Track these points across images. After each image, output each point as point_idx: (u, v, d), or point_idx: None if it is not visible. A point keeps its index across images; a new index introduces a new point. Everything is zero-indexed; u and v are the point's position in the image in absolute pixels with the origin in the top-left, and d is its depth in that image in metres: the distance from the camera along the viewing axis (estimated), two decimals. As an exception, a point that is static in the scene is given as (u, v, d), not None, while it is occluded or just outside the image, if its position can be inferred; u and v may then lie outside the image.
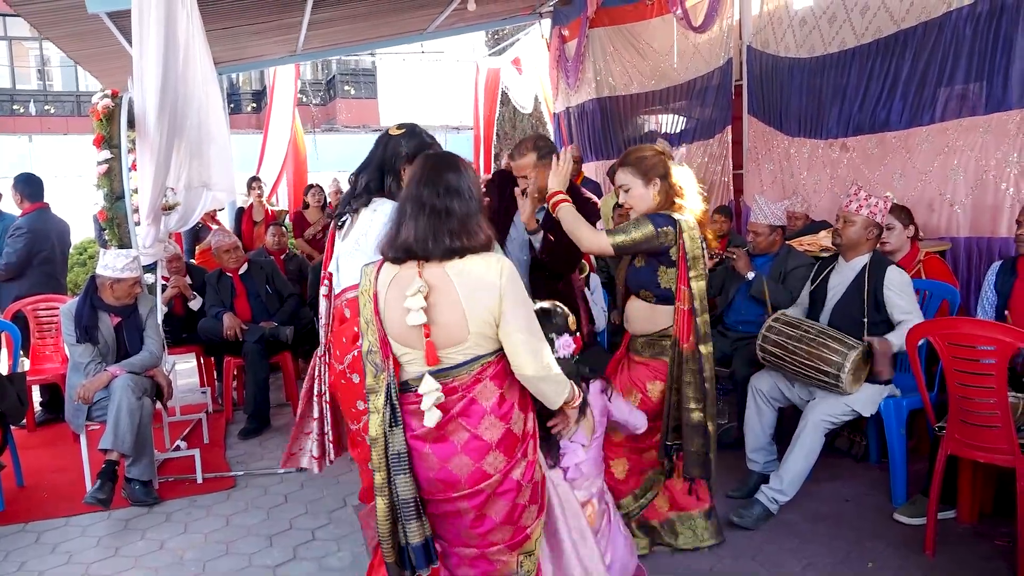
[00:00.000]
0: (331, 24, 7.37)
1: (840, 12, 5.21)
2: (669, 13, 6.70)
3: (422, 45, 15.89)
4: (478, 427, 2.02)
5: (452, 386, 2.02)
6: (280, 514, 3.70)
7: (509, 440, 2.05)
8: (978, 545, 3.07)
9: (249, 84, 20.14)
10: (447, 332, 2.00)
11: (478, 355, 2.03)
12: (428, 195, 2.03)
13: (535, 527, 2.16)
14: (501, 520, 2.09)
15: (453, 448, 2.03)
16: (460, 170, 2.09)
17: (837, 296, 3.61)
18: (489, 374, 2.04)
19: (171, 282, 5.49)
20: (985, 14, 4.15)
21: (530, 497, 2.12)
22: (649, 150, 2.94)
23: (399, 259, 2.05)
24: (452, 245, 1.99)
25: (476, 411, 2.03)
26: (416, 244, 2.01)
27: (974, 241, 4.29)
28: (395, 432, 2.05)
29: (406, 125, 2.67)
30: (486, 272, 2.00)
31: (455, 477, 2.04)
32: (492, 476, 2.04)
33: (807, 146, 5.59)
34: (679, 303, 2.79)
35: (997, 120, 4.11)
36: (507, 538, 2.11)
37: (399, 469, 2.04)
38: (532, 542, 2.15)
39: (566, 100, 8.91)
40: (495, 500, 2.06)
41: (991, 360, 2.74)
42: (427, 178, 2.06)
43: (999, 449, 2.79)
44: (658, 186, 2.87)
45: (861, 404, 3.42)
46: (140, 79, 4.02)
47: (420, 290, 1.96)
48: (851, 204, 3.53)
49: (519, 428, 2.08)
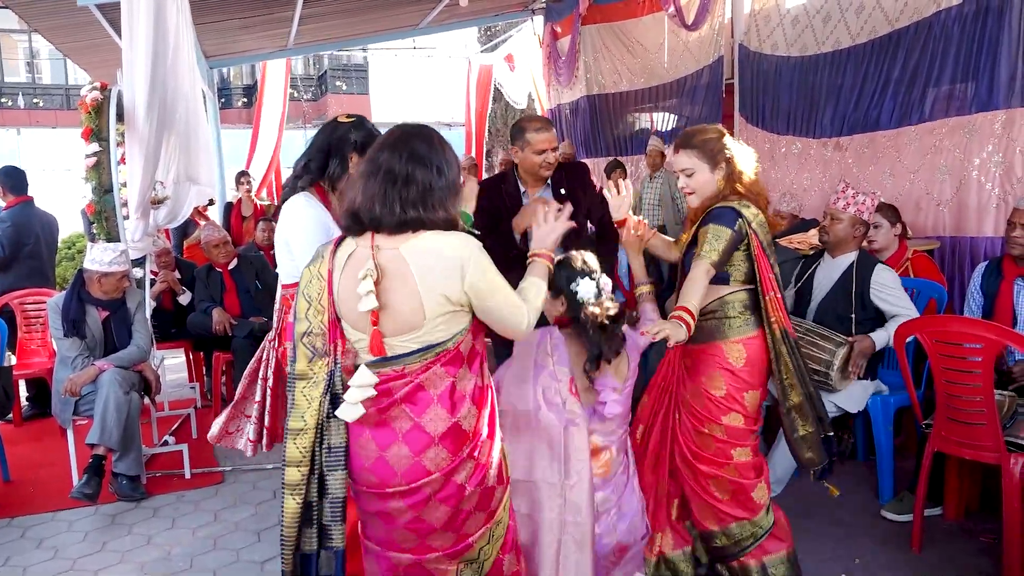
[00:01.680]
0: (322, 19, 7.35)
1: (835, 11, 5.22)
2: (660, 11, 6.72)
3: (414, 41, 15.87)
4: (422, 416, 1.84)
5: (401, 372, 1.84)
6: (268, 509, 3.69)
7: (455, 436, 1.86)
8: (964, 542, 3.09)
9: (240, 78, 20.08)
10: (400, 319, 1.82)
11: (432, 343, 1.84)
12: (387, 158, 1.84)
13: (480, 536, 1.95)
14: (441, 525, 1.90)
15: (393, 435, 1.85)
16: (433, 142, 1.89)
17: (823, 293, 3.62)
18: (442, 361, 1.85)
19: (160, 276, 5.46)
20: (971, 14, 4.18)
21: (478, 503, 1.92)
22: (713, 131, 2.69)
23: (351, 229, 1.88)
24: (404, 215, 1.80)
25: (422, 399, 1.84)
26: (363, 211, 1.83)
27: (959, 240, 4.32)
28: (332, 424, 1.88)
29: (355, 116, 2.54)
30: (445, 249, 1.81)
31: (391, 469, 1.85)
32: (432, 474, 1.85)
33: (798, 145, 5.61)
34: (773, 292, 2.57)
35: (982, 120, 4.14)
36: (447, 545, 1.92)
37: (334, 465, 1.88)
38: (475, 551, 1.95)
39: (558, 97, 8.93)
40: (435, 505, 1.87)
41: (978, 358, 2.75)
42: (392, 142, 1.87)
43: (985, 446, 2.80)
44: (723, 171, 2.64)
45: (848, 401, 3.44)
46: (129, 72, 4.00)
47: (369, 273, 1.78)
48: (838, 201, 3.54)
49: (468, 425, 1.88)
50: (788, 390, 2.61)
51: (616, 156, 7.83)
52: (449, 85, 15.16)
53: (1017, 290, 3.19)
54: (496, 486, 1.97)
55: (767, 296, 2.59)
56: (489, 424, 1.96)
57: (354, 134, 2.46)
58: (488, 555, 1.98)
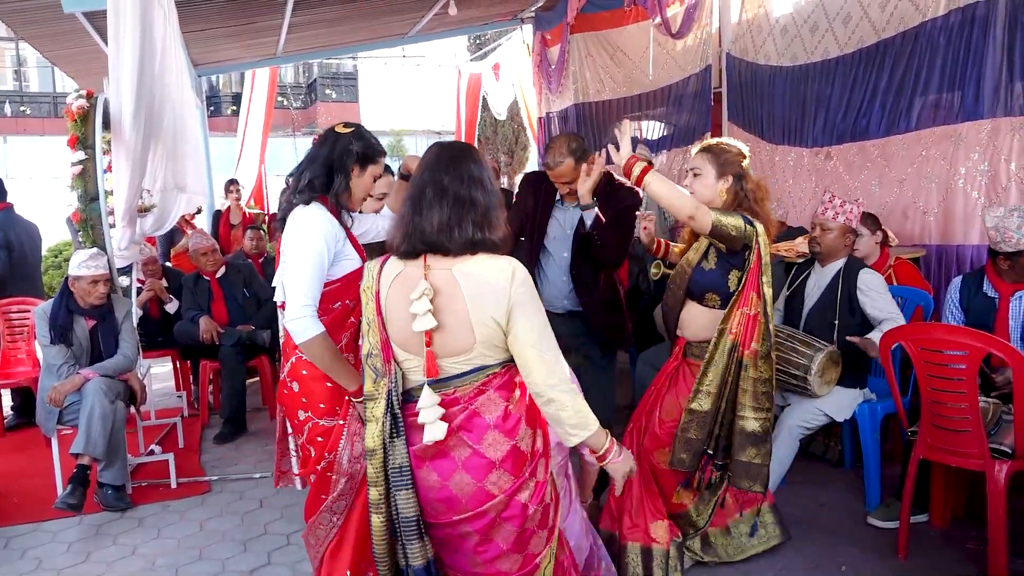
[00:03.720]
0: (311, 27, 7.35)
1: (822, 21, 5.26)
2: (646, 20, 6.74)
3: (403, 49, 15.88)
4: (480, 443, 1.86)
5: (453, 397, 1.87)
6: (255, 519, 3.67)
7: (515, 458, 1.88)
8: (949, 549, 3.10)
9: (230, 86, 20.04)
10: (452, 340, 1.84)
11: (482, 365, 1.87)
12: (450, 182, 1.86)
13: (545, 555, 1.98)
14: (509, 547, 1.92)
15: (454, 465, 1.87)
16: (479, 161, 1.94)
17: (813, 301, 3.65)
18: (494, 385, 1.88)
19: (147, 285, 5.44)
20: (957, 25, 4.22)
21: (540, 522, 1.95)
22: (736, 148, 2.80)
23: (410, 252, 1.88)
24: (475, 236, 1.83)
25: (479, 425, 1.86)
26: (438, 234, 1.83)
27: (945, 249, 4.35)
28: (396, 444, 1.90)
29: (353, 125, 2.49)
30: (496, 275, 1.82)
31: (456, 498, 1.88)
32: (496, 497, 1.87)
33: (792, 154, 5.63)
34: (745, 308, 2.65)
35: (968, 129, 4.17)
36: (515, 568, 1.94)
37: (400, 484, 1.89)
38: (542, 570, 1.98)
39: (548, 105, 8.95)
40: (501, 524, 1.90)
41: (962, 365, 2.77)
42: (446, 165, 1.89)
43: (970, 453, 2.81)
44: (728, 184, 2.74)
45: (835, 409, 3.45)
46: (116, 79, 3.98)
47: (425, 293, 1.80)
48: (827, 211, 3.56)
49: (526, 445, 1.91)
50: (704, 396, 2.71)
51: (604, 164, 7.84)
52: (439, 94, 15.20)
53: (1014, 306, 3.19)
54: (551, 502, 2.00)
55: (738, 309, 2.67)
56: (544, 442, 1.99)
57: (355, 145, 2.39)
58: (549, 573, 2.01)
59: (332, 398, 2.34)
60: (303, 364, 2.36)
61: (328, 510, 2.32)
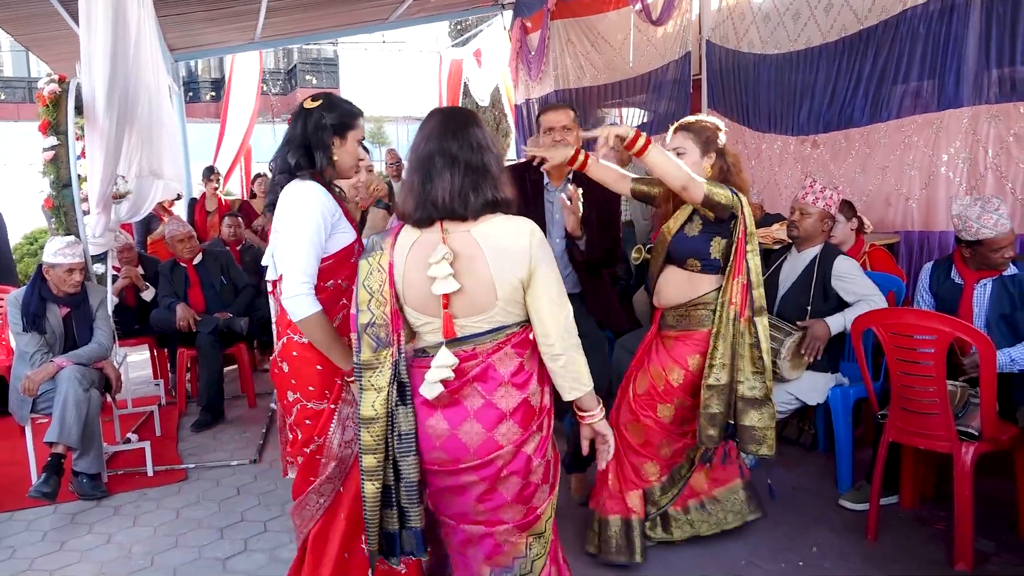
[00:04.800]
0: (290, 12, 7.29)
1: (804, 9, 5.27)
2: (626, 6, 6.74)
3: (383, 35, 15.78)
4: (493, 394, 1.93)
5: (472, 352, 1.92)
6: (232, 506, 3.67)
7: (525, 411, 1.95)
8: (918, 530, 3.15)
9: (208, 72, 19.83)
10: (472, 300, 1.89)
11: (503, 324, 1.93)
12: (460, 150, 1.90)
13: (546, 507, 2.05)
14: (512, 498, 1.99)
15: (465, 413, 1.93)
16: (482, 125, 1.98)
17: (787, 285, 3.68)
18: (512, 343, 1.94)
19: (123, 272, 5.39)
20: (937, 13, 4.25)
21: (543, 476, 2.02)
22: (711, 123, 2.86)
23: (424, 220, 1.91)
24: (492, 197, 1.89)
25: (493, 377, 1.93)
26: (452, 201, 1.87)
27: (927, 235, 4.40)
28: (401, 411, 1.95)
29: (320, 96, 2.40)
30: (516, 236, 1.89)
31: (464, 446, 1.94)
32: (504, 447, 1.93)
33: (778, 142, 5.65)
34: (740, 277, 2.71)
35: (949, 117, 4.21)
36: (517, 518, 2.01)
37: (405, 450, 1.95)
38: (543, 523, 2.05)
39: (527, 92, 8.91)
40: (507, 477, 1.97)
41: (931, 349, 2.81)
42: (452, 132, 1.92)
43: (938, 436, 2.86)
44: (712, 160, 2.81)
45: (808, 393, 3.50)
46: (88, 64, 3.93)
47: (445, 257, 1.85)
48: (807, 196, 3.59)
49: (536, 401, 1.98)
50: (719, 369, 2.74)
51: (584, 151, 7.84)
52: (420, 79, 15.12)
53: (978, 293, 3.23)
54: (551, 459, 2.07)
55: (734, 279, 2.72)
56: (551, 400, 2.05)
57: (327, 117, 2.33)
58: (549, 529, 2.08)
59: (322, 382, 2.31)
60: (294, 345, 2.33)
61: (316, 492, 2.32)
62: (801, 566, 2.92)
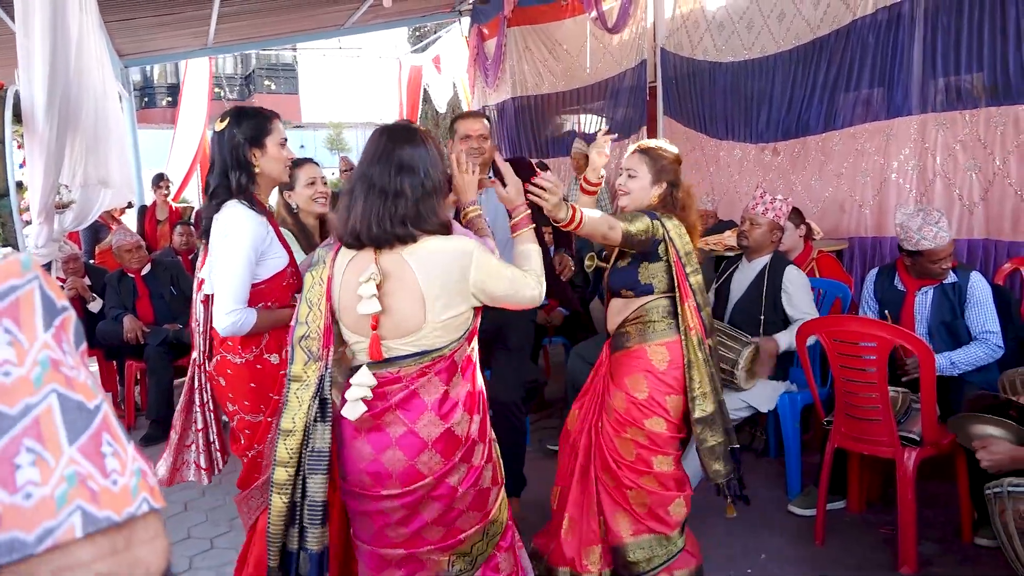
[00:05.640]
0: (242, 18, 7.20)
1: (757, 18, 5.35)
2: (583, 14, 6.78)
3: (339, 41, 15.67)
4: (416, 423, 1.89)
5: (396, 376, 1.89)
6: (178, 523, 3.58)
7: (448, 441, 1.90)
8: (864, 534, 3.19)
9: (164, 78, 19.51)
10: (399, 321, 1.86)
11: (429, 348, 1.88)
12: (379, 174, 1.86)
13: (473, 533, 2.01)
14: (433, 519, 1.95)
15: (388, 440, 1.89)
16: (417, 143, 1.90)
17: (739, 294, 3.71)
18: (436, 369, 1.90)
19: (68, 284, 5.25)
20: (884, 23, 4.34)
21: (472, 503, 1.98)
22: (672, 154, 2.76)
23: (351, 245, 1.91)
24: (399, 232, 1.83)
25: (416, 406, 1.89)
26: (362, 230, 1.85)
27: (880, 240, 4.48)
28: (318, 428, 1.91)
29: (227, 114, 2.34)
30: (446, 251, 1.87)
31: (387, 472, 1.90)
32: (425, 478, 1.89)
33: (737, 149, 5.70)
34: (689, 301, 2.61)
35: (898, 125, 4.30)
36: (437, 538, 1.97)
37: (316, 468, 1.91)
38: (467, 546, 2.01)
39: (484, 98, 8.91)
40: (428, 502, 1.93)
41: (873, 356, 2.85)
42: (378, 154, 1.89)
43: (881, 442, 2.90)
44: (662, 189, 2.71)
45: (759, 400, 3.52)
46: (26, 71, 3.82)
47: (372, 277, 1.82)
48: (757, 207, 3.62)
49: (462, 431, 1.93)
50: (701, 399, 2.59)
51: (541, 158, 7.87)
52: (380, 86, 15.03)
53: (919, 300, 3.29)
54: (491, 487, 2.04)
55: (685, 304, 2.64)
56: (480, 429, 2.00)
57: (239, 134, 2.28)
58: (482, 551, 2.05)
59: (256, 397, 2.35)
60: (228, 364, 2.36)
61: (260, 488, 2.37)
62: (749, 574, 2.93)
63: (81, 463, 0.89)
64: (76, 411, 0.91)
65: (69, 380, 0.93)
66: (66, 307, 1.00)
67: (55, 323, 0.95)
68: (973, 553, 2.96)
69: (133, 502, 0.90)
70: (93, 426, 0.93)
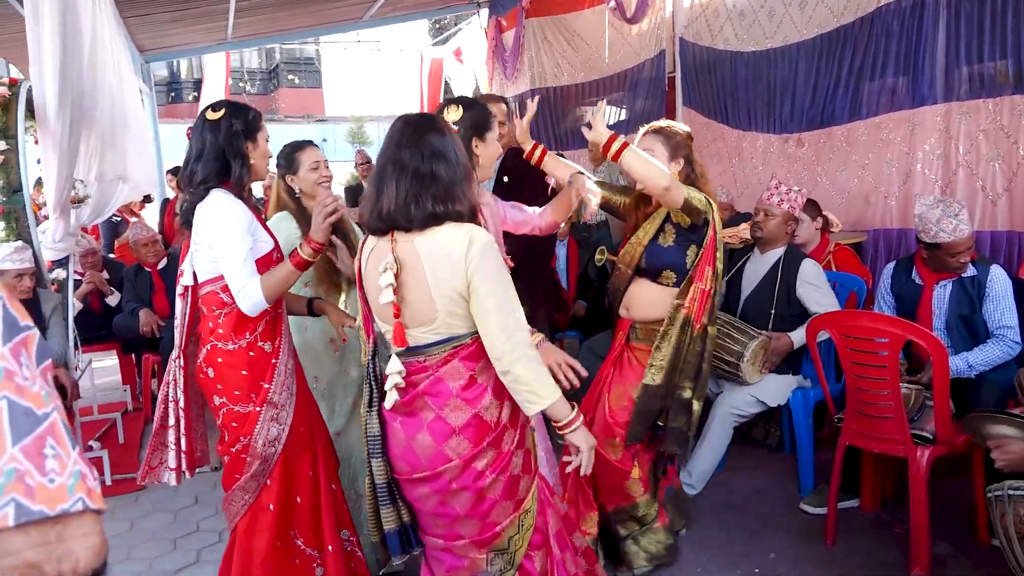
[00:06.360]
0: (259, 12, 7.21)
1: (779, 7, 5.24)
2: (601, 4, 6.70)
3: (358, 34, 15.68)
4: (443, 408, 1.91)
5: (423, 365, 1.91)
6: (188, 516, 3.61)
7: (476, 426, 1.91)
8: (876, 533, 3.12)
9: (191, 73, 19.69)
10: (416, 311, 1.88)
11: (451, 336, 1.89)
12: (410, 157, 1.86)
13: (509, 525, 1.99)
14: (466, 512, 1.96)
15: (419, 425, 1.94)
16: (443, 132, 1.93)
17: (751, 287, 3.63)
18: (461, 355, 1.91)
19: (86, 278, 5.32)
20: (909, 9, 4.23)
21: (503, 492, 1.96)
22: (683, 131, 2.80)
23: (379, 229, 1.91)
24: (435, 210, 1.84)
25: (442, 391, 1.91)
26: (397, 211, 1.85)
27: (905, 232, 4.37)
28: (370, 414, 2.01)
29: (220, 105, 2.36)
30: (453, 246, 1.84)
31: (417, 457, 1.94)
32: (452, 461, 1.92)
33: (760, 140, 5.59)
34: (700, 283, 2.63)
35: (924, 114, 4.20)
36: (473, 533, 1.98)
37: (373, 452, 2.01)
38: (504, 540, 2.00)
39: (502, 90, 8.86)
40: (458, 491, 1.94)
41: (884, 352, 2.77)
42: (407, 139, 1.89)
43: (893, 439, 2.83)
44: (680, 166, 2.74)
45: (769, 395, 3.45)
46: (37, 67, 3.85)
47: (388, 267, 1.84)
48: (772, 197, 3.54)
49: (491, 416, 1.93)
50: (656, 372, 2.67)
51: (560, 150, 7.80)
52: (401, 79, 15.04)
53: (937, 294, 3.20)
54: (522, 475, 2.01)
55: (693, 284, 2.64)
56: (512, 414, 1.99)
57: (236, 124, 2.32)
58: (518, 545, 2.03)
59: (248, 386, 2.34)
60: (219, 352, 2.35)
61: (241, 489, 2.37)
62: (757, 573, 2.88)
63: (21, 461, 0.90)
64: (23, 416, 0.93)
65: (20, 389, 0.95)
66: (29, 327, 1.01)
67: (15, 339, 0.97)
68: (989, 554, 2.87)
69: (68, 500, 0.91)
70: (39, 430, 0.95)
